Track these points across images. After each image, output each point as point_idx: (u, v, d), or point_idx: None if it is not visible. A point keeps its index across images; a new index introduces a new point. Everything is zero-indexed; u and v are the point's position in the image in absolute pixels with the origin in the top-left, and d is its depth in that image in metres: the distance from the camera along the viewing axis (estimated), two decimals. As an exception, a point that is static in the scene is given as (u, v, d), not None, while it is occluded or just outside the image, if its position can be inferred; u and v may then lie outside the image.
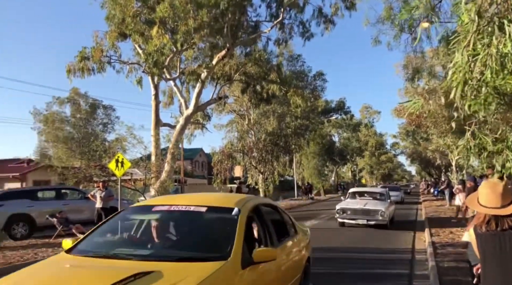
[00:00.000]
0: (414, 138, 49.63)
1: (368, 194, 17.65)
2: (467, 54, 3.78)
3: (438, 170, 60.63)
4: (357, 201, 16.38)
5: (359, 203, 15.63)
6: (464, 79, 3.82)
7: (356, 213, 14.96)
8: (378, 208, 14.78)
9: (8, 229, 12.95)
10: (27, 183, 35.36)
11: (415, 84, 18.81)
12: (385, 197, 16.58)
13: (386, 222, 14.59)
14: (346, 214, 15.17)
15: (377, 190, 19.12)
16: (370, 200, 16.35)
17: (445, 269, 7.78)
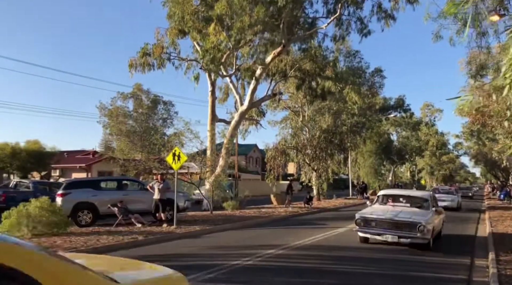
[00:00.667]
0: (479, 138, 46.88)
1: (405, 199, 12.79)
2: None
3: (506, 172, 56.91)
4: (388, 208, 12.02)
5: (389, 211, 11.32)
6: None
7: (384, 226, 10.69)
8: (415, 220, 10.38)
9: (74, 216, 13.85)
10: (92, 173, 37.59)
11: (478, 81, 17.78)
12: (428, 204, 11.86)
13: (428, 241, 10.43)
14: (369, 226, 10.92)
15: (418, 194, 13.75)
16: (407, 207, 12.01)
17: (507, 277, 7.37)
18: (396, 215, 10.79)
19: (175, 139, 19.93)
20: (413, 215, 10.78)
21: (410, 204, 12.23)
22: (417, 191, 15.97)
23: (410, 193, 13.71)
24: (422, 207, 11.82)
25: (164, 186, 14.25)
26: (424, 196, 12.55)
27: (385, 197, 13.15)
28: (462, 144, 61.67)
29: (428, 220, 10.52)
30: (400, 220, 10.50)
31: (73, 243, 10.09)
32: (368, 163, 46.83)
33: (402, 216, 10.68)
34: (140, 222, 13.83)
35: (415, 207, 11.89)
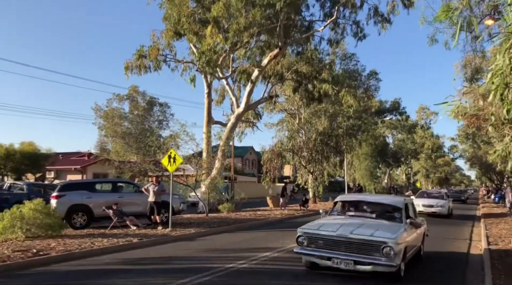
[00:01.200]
0: (474, 141, 47.14)
1: (370, 208, 9.38)
2: (508, 57, 3.55)
3: (500, 175, 57.20)
4: (345, 220, 8.68)
5: (344, 225, 7.97)
6: (504, 83, 3.60)
7: (335, 247, 7.54)
8: (379, 238, 7.30)
9: (69, 218, 13.76)
10: (87, 175, 37.41)
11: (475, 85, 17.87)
12: (401, 215, 8.60)
13: (396, 268, 7.30)
14: (316, 246, 7.77)
15: (388, 200, 9.59)
16: (372, 219, 8.82)
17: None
18: (352, 230, 7.58)
19: (171, 141, 19.87)
20: (378, 230, 7.58)
21: (377, 214, 8.98)
22: (388, 197, 11.08)
23: (378, 199, 9.89)
24: (393, 218, 8.65)
25: (159, 189, 14.20)
26: (396, 203, 8.99)
27: (344, 204, 9.83)
28: (458, 147, 62.07)
29: (398, 238, 7.31)
30: (357, 238, 7.37)
31: (67, 246, 10.02)
32: (363, 165, 46.90)
33: (360, 232, 7.52)
34: (135, 225, 13.77)
35: (384, 218, 8.70)
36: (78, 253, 9.41)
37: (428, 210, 21.67)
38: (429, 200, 22.85)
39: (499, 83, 3.63)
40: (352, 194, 13.20)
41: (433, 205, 22.12)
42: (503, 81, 3.62)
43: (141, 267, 8.49)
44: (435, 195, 25.03)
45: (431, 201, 22.71)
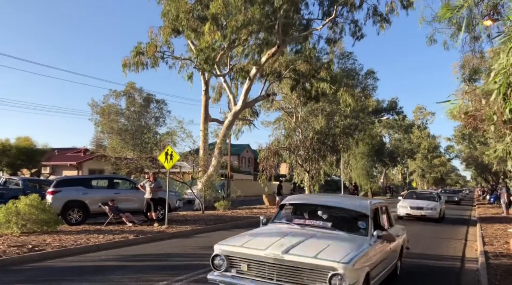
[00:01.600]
0: (470, 142, 47.33)
1: (326, 214, 6.72)
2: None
3: (496, 176, 57.49)
4: (288, 230, 6.26)
5: (282, 240, 5.57)
6: (507, 81, 3.60)
7: (264, 273, 5.22)
8: (327, 263, 4.93)
9: (64, 214, 13.71)
10: (83, 171, 37.32)
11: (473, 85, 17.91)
12: (367, 225, 6.27)
13: None
14: (238, 271, 5.43)
15: (351, 205, 6.92)
16: (325, 230, 6.22)
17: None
18: (289, 248, 5.20)
19: (168, 138, 19.82)
20: (326, 249, 5.22)
21: (334, 223, 6.33)
22: (352, 200, 8.02)
23: (337, 203, 7.08)
24: (355, 229, 6.16)
25: (156, 185, 14.16)
26: (360, 209, 6.48)
27: (293, 209, 7.27)
28: (454, 147, 62.31)
29: (354, 261, 5.00)
30: (293, 260, 5.04)
31: (63, 242, 9.98)
32: (360, 165, 47.02)
33: (300, 251, 5.14)
34: (131, 221, 13.73)
35: (342, 229, 6.15)
36: (73, 249, 9.37)
37: (416, 213, 19.66)
38: (418, 202, 20.46)
39: (502, 82, 3.62)
40: (304, 196, 8.97)
41: (422, 208, 19.72)
42: (506, 81, 3.61)
43: (137, 264, 8.47)
44: (425, 195, 22.49)
45: (421, 202, 20.31)
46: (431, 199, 21.25)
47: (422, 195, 22.54)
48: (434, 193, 23.36)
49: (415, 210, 19.69)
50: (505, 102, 3.83)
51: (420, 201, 20.48)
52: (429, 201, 20.52)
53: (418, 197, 21.97)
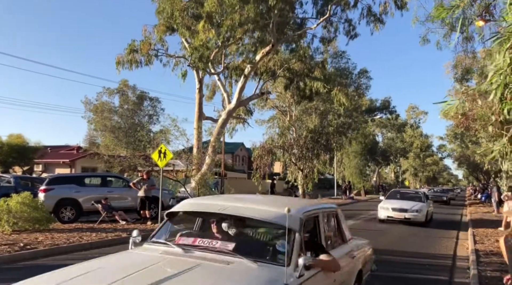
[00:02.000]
0: (463, 141, 47.73)
1: (233, 228, 4.21)
2: (509, 56, 3.59)
3: (487, 175, 58.02)
4: (154, 260, 3.66)
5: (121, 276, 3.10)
6: (504, 82, 3.64)
7: None
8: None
9: (57, 212, 13.65)
10: (75, 169, 37.11)
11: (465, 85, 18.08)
12: (287, 248, 3.59)
13: None
14: None
15: (267, 213, 4.02)
16: (208, 260, 3.62)
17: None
18: None
19: (161, 136, 19.74)
20: None
21: (238, 244, 3.92)
22: (271, 204, 4.45)
23: (242, 211, 4.18)
24: (268, 256, 3.87)
25: (149, 184, 14.14)
26: (279, 220, 3.81)
27: (187, 219, 5.23)
28: (446, 146, 62.78)
29: None
30: None
31: (55, 240, 9.94)
32: (353, 163, 47.23)
33: None
34: (124, 219, 13.71)
35: (249, 255, 3.71)
36: (66, 247, 9.34)
37: (399, 216, 17.43)
38: (401, 203, 18.14)
39: (500, 83, 3.67)
40: (203, 199, 5.15)
41: (406, 210, 17.44)
42: (503, 81, 3.65)
43: (130, 262, 8.44)
44: (410, 195, 20.15)
45: (405, 204, 17.98)
46: (416, 199, 18.93)
47: (407, 195, 20.19)
48: (420, 193, 20.94)
49: (397, 212, 17.48)
50: (502, 103, 3.87)
51: (404, 202, 18.22)
52: (414, 202, 18.21)
53: (402, 197, 19.68)
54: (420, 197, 19.39)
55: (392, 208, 17.61)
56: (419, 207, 17.63)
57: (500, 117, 4.13)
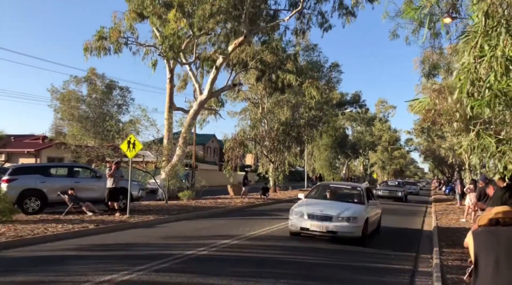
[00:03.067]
0: (429, 135, 49.12)
1: None
2: (473, 55, 3.72)
3: (451, 168, 60.01)
4: None
5: None
6: (470, 79, 3.77)
7: None
8: None
9: (20, 203, 13.22)
10: (41, 159, 35.99)
11: (432, 81, 18.56)
12: None
13: None
14: None
15: None
16: None
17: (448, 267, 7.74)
18: None
19: (131, 127, 19.44)
20: None
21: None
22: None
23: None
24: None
25: (117, 174, 13.89)
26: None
27: None
28: (413, 140, 64.45)
29: None
30: None
31: (19, 232, 9.64)
32: (323, 156, 47.94)
33: None
34: (92, 211, 13.43)
35: None
36: (30, 239, 9.07)
37: (319, 229, 10.34)
38: (325, 206, 10.99)
39: (464, 81, 3.78)
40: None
41: (331, 217, 10.31)
42: (468, 78, 3.77)
43: (97, 254, 8.31)
44: (344, 192, 13.32)
45: (331, 207, 10.94)
46: (352, 199, 11.87)
47: (340, 191, 13.14)
48: (361, 188, 12.75)
49: (319, 222, 10.33)
50: (468, 99, 3.99)
51: (330, 205, 11.15)
52: (346, 205, 11.11)
53: (333, 194, 12.35)
54: (359, 194, 12.05)
55: (308, 215, 10.53)
56: (351, 213, 10.44)
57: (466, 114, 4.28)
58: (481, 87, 3.82)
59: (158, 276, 6.44)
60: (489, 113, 3.96)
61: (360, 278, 7.05)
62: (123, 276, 6.33)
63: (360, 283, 6.75)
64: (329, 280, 6.86)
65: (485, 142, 4.18)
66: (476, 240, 2.78)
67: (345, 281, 6.82)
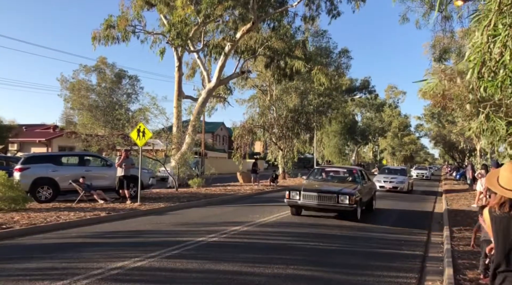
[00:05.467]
0: (439, 121, 48.57)
1: None
2: (487, 34, 3.61)
3: (462, 154, 59.41)
4: None
5: None
6: (482, 60, 3.67)
7: None
8: None
9: (33, 192, 13.43)
10: (52, 148, 36.42)
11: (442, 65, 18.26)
12: None
13: None
14: None
15: None
16: None
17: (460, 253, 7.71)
18: None
19: (140, 115, 19.48)
20: None
21: None
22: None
23: None
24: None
25: (128, 163, 14.00)
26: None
27: None
28: (423, 125, 63.78)
29: None
30: None
31: (32, 219, 9.79)
32: (332, 143, 47.71)
33: None
34: (103, 199, 13.58)
35: None
36: (43, 227, 9.21)
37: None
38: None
39: (477, 61, 3.68)
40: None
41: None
42: (481, 59, 3.66)
43: (109, 241, 8.42)
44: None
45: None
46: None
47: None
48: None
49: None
50: (480, 80, 3.89)
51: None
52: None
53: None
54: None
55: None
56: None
57: (478, 95, 4.18)
58: (494, 68, 3.72)
59: (169, 263, 6.51)
60: (501, 94, 3.86)
61: (371, 264, 7.04)
62: (134, 263, 6.42)
63: (371, 268, 6.74)
64: (340, 266, 6.88)
65: (495, 125, 4.10)
66: (494, 223, 2.77)
67: (356, 267, 6.83)
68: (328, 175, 13.89)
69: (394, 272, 6.66)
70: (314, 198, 11.13)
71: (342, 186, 11.80)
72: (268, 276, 6.04)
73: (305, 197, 11.28)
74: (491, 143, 4.58)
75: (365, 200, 12.21)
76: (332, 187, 11.62)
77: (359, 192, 11.45)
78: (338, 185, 12.11)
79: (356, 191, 11.23)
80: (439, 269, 6.99)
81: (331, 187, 11.64)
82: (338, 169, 15.50)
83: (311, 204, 11.26)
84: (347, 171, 14.14)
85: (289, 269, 6.39)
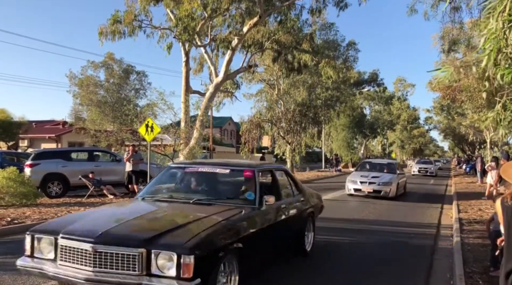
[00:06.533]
0: (449, 113, 48.17)
1: None
2: (502, 20, 3.53)
3: (472, 146, 58.94)
4: None
5: None
6: (498, 47, 3.59)
7: None
8: None
9: (44, 187, 13.59)
10: (62, 144, 36.75)
11: (451, 56, 18.04)
12: None
13: None
14: None
15: None
16: None
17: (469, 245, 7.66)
18: None
19: (148, 110, 19.54)
20: None
21: None
22: None
23: None
24: None
25: (136, 158, 14.09)
26: None
27: None
28: (432, 118, 63.27)
29: None
30: None
31: (43, 214, 9.91)
32: (341, 136, 47.57)
33: None
34: (113, 194, 13.70)
35: None
36: (54, 222, 9.30)
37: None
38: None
39: (493, 48, 3.60)
40: None
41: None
42: (496, 46, 3.59)
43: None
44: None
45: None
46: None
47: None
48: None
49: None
50: (496, 68, 3.81)
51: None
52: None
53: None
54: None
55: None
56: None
57: (495, 84, 4.09)
58: (510, 55, 3.64)
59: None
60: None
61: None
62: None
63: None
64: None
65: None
66: (506, 214, 2.74)
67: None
68: None
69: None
70: None
71: None
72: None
73: None
74: (507, 133, 4.51)
75: None
76: None
77: None
78: None
79: None
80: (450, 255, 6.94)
81: None
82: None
83: None
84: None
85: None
